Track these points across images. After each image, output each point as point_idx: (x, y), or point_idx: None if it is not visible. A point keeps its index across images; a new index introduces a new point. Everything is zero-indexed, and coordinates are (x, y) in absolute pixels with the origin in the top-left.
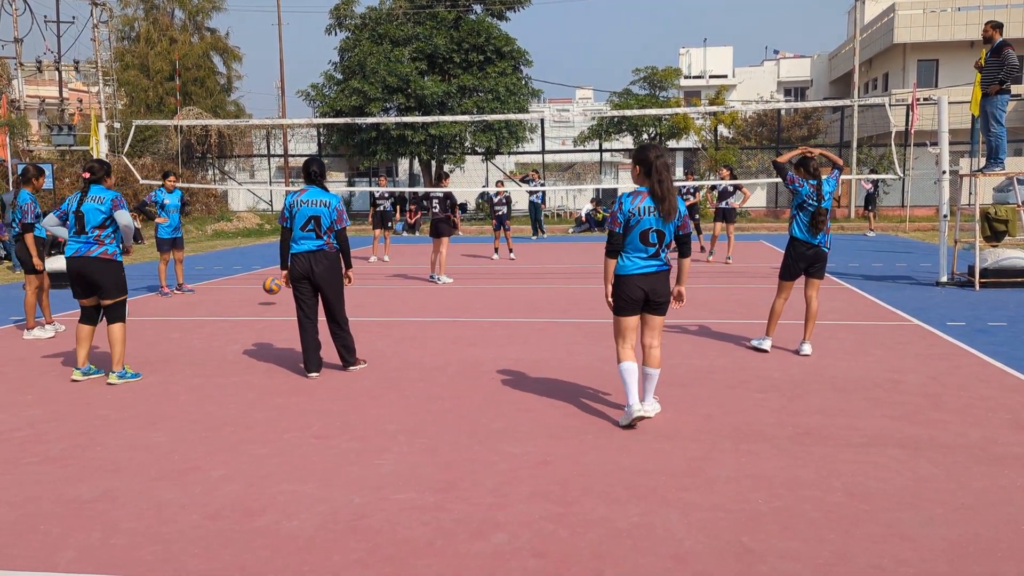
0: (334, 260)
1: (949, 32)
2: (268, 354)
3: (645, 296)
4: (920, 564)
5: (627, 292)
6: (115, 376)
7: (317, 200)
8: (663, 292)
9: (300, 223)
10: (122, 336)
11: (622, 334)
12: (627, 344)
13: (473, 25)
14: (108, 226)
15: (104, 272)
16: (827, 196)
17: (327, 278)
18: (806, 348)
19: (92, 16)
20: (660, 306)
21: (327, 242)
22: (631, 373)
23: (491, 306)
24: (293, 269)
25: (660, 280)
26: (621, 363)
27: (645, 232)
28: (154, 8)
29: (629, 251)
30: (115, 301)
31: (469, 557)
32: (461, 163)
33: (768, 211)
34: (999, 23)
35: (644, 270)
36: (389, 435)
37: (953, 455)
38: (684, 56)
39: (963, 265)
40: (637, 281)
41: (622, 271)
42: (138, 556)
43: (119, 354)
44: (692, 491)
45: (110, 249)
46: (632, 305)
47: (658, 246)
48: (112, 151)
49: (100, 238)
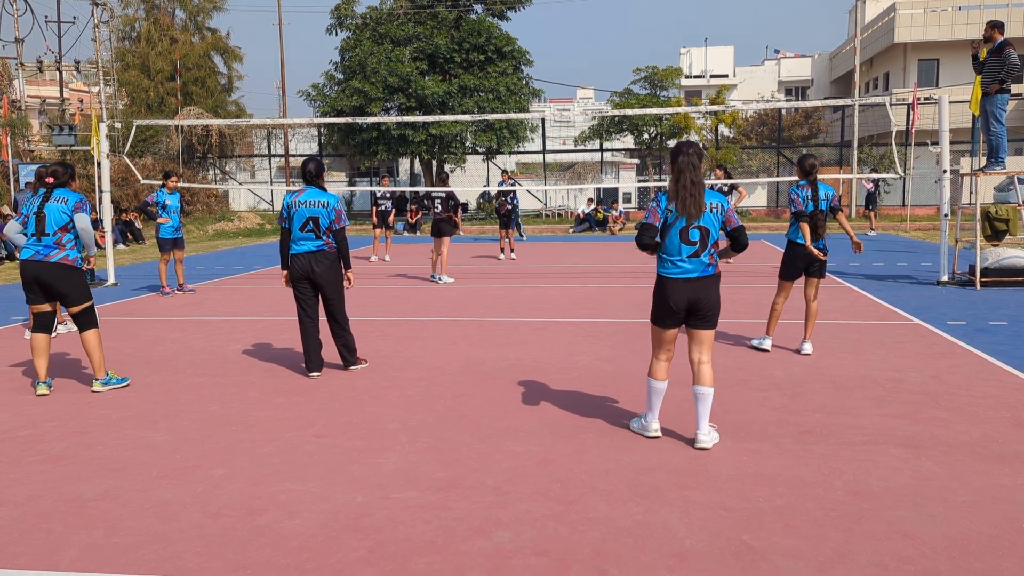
0: (334, 260)
1: (950, 31)
2: (269, 354)
3: (688, 306)
4: (922, 561)
5: (666, 299)
6: (99, 384)
7: (315, 201)
8: (709, 303)
9: (299, 224)
10: (97, 342)
11: (658, 344)
12: (661, 357)
13: (474, 25)
14: (71, 229)
15: (65, 279)
16: (824, 199)
17: (327, 278)
18: (807, 347)
19: (93, 16)
20: (707, 319)
21: (327, 242)
22: (657, 393)
23: (492, 306)
24: (293, 269)
25: (705, 288)
26: (649, 377)
27: (683, 230)
28: (155, 8)
29: (670, 252)
30: (82, 308)
31: (471, 556)
32: (462, 163)
33: (769, 211)
34: (1000, 23)
35: (687, 275)
36: (391, 434)
37: (954, 453)
38: (685, 56)
39: (964, 264)
40: (679, 288)
41: (664, 274)
42: (140, 555)
43: (98, 360)
44: (694, 489)
45: (71, 255)
46: (671, 315)
47: (699, 245)
48: (113, 151)
49: (62, 242)
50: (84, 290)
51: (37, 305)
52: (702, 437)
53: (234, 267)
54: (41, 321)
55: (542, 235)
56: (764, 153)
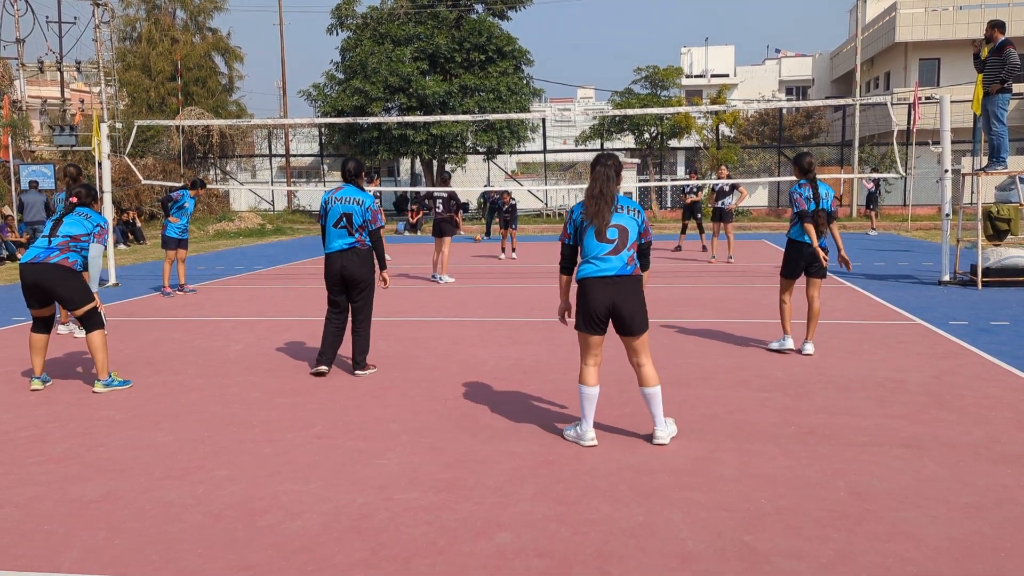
0: (365, 257)
1: (951, 31)
2: (271, 354)
3: (611, 310)
4: (924, 563)
5: (587, 303)
6: (100, 384)
7: (351, 198)
8: (630, 308)
9: (332, 220)
10: (102, 343)
11: (585, 349)
12: (589, 363)
13: (474, 25)
14: (83, 240)
15: (64, 282)
16: (824, 197)
17: (358, 275)
18: (808, 348)
19: (94, 16)
20: (632, 326)
21: (359, 239)
22: (589, 399)
23: (493, 306)
24: (327, 268)
25: (624, 289)
26: (580, 384)
27: (598, 231)
28: (156, 8)
29: (588, 252)
30: (85, 309)
31: (473, 557)
32: (463, 163)
33: (770, 210)
34: (1001, 22)
35: (604, 272)
36: (392, 435)
37: (956, 454)
38: (686, 55)
39: (965, 264)
40: (598, 288)
41: (582, 275)
42: (142, 556)
43: (101, 361)
44: (696, 490)
45: (71, 258)
46: (593, 321)
47: (617, 243)
48: (114, 151)
49: (68, 246)
50: (84, 292)
51: (37, 310)
52: (659, 433)
53: (235, 267)
54: (40, 321)
55: (543, 235)
56: (765, 153)
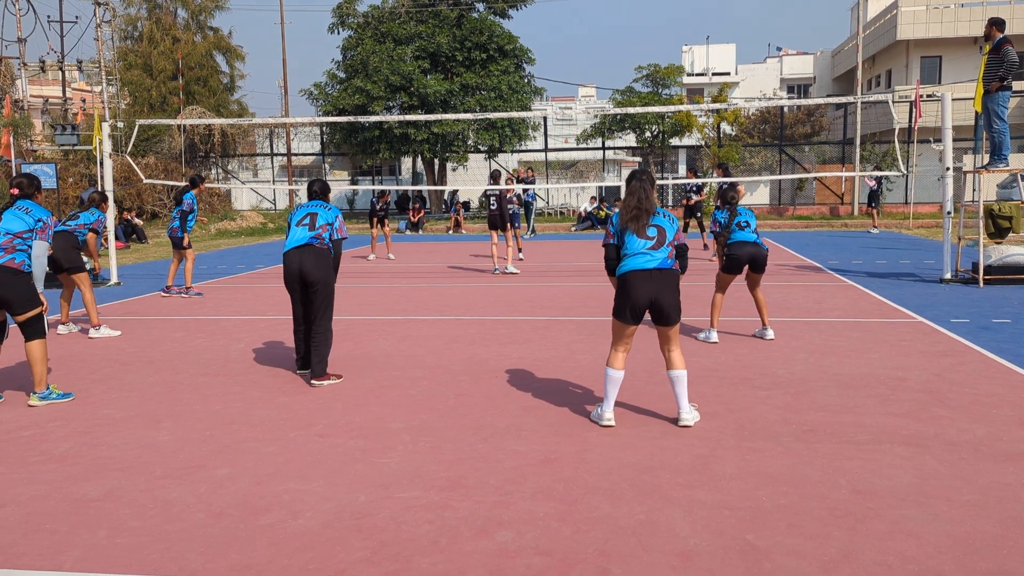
0: (322, 256)
1: (952, 28)
2: (271, 353)
3: (650, 303)
4: (926, 561)
5: (628, 294)
6: (36, 398)
7: (319, 204)
8: (669, 299)
9: (296, 219)
10: (42, 354)
11: (617, 338)
12: (619, 349)
13: (476, 23)
14: (26, 238)
15: (9, 284)
16: (741, 213)
17: (314, 276)
18: (769, 333)
19: (95, 16)
20: (668, 316)
21: (318, 236)
22: (613, 382)
23: (494, 304)
24: (285, 270)
25: (665, 281)
26: (607, 367)
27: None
28: (157, 7)
29: (631, 249)
30: (30, 315)
31: (474, 555)
32: (464, 161)
33: (771, 208)
34: (1001, 20)
35: (646, 265)
36: (393, 433)
37: (958, 452)
38: (687, 53)
39: (967, 262)
40: (640, 280)
41: (624, 269)
42: (143, 555)
43: (39, 373)
44: (697, 488)
45: (18, 258)
46: (632, 310)
47: (656, 239)
48: (116, 150)
49: (12, 244)
50: (30, 296)
51: None
52: (684, 416)
53: (236, 266)
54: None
55: (544, 233)
56: (766, 151)
